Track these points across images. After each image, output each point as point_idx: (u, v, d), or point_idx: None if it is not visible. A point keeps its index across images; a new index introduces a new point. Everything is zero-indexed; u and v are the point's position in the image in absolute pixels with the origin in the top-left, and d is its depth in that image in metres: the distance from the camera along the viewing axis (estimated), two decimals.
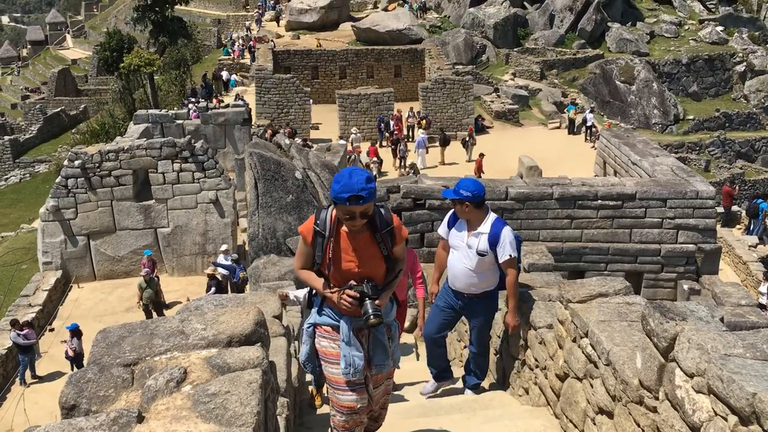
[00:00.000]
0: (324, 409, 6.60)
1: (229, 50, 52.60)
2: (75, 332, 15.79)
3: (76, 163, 19.97)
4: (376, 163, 29.27)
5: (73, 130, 51.93)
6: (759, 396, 2.78)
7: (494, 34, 51.68)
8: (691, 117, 46.95)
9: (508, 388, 6.77)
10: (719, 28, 52.06)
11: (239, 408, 2.78)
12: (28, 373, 16.15)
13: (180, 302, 17.75)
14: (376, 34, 49.49)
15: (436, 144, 32.91)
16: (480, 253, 5.91)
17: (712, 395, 3.11)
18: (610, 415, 4.38)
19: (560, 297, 5.41)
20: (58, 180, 20.42)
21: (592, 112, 38.49)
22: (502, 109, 40.42)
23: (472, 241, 5.95)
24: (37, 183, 44.26)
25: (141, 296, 17.57)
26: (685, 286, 15.95)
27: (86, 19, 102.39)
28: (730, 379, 2.94)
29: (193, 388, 2.92)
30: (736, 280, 19.56)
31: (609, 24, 51.79)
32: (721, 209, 25.13)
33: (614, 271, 15.71)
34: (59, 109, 59.87)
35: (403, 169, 29.47)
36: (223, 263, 17.99)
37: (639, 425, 3.95)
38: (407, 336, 10.60)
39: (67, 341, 15.88)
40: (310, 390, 7.15)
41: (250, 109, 33.25)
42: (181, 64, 49.72)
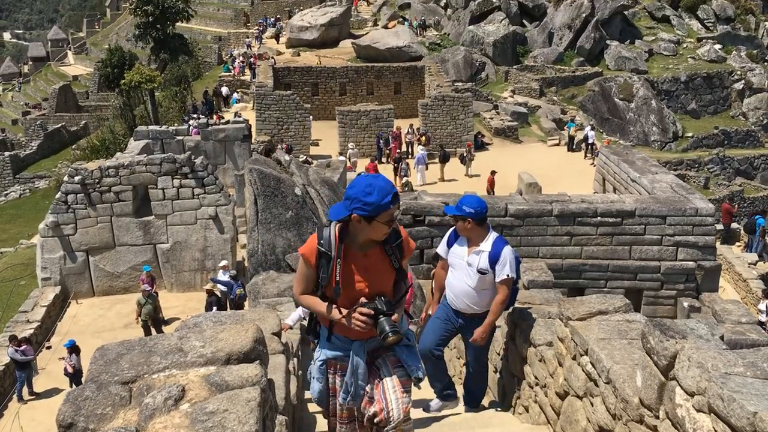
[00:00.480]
0: (322, 425, 6.56)
1: (230, 67, 52.85)
2: (73, 349, 15.72)
3: (76, 179, 19.99)
4: None
5: (74, 146, 52.05)
6: (760, 415, 2.76)
7: (493, 52, 51.97)
8: (690, 134, 47.10)
9: (508, 406, 6.74)
10: (717, 47, 52.37)
11: (237, 427, 2.76)
12: (26, 390, 16.05)
13: (178, 318, 17.70)
14: (376, 52, 49.75)
15: (436, 160, 32.99)
16: (481, 272, 5.85)
17: (712, 414, 3.10)
18: None
19: (560, 314, 5.40)
20: (57, 196, 20.43)
21: (594, 130, 38.61)
22: (502, 126, 40.55)
23: (472, 259, 5.88)
24: (37, 199, 44.29)
25: (140, 312, 17.52)
26: (685, 304, 15.92)
27: (88, 35, 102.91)
28: (731, 398, 2.92)
29: (191, 407, 2.90)
30: (736, 298, 19.52)
31: (607, 42, 52.09)
32: (720, 226, 25.14)
33: (614, 288, 15.70)
34: (60, 125, 60.04)
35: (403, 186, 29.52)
36: (222, 279, 17.96)
37: None
38: None
39: (65, 358, 15.81)
40: None
41: (250, 126, 33.36)
42: (182, 81, 49.93)
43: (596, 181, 22.70)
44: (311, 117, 37.52)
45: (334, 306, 4.00)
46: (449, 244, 6.17)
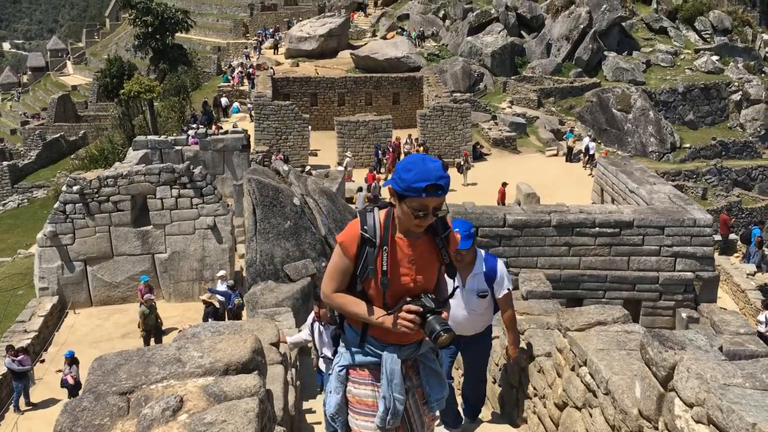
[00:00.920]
0: None
1: (229, 77, 53.00)
2: (72, 360, 15.65)
3: (75, 188, 19.98)
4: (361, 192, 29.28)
5: (72, 156, 52.09)
6: (759, 426, 2.76)
7: (492, 63, 52.16)
8: (688, 145, 47.23)
9: (507, 417, 6.72)
10: (715, 58, 52.59)
11: None
12: (22, 400, 15.97)
13: (176, 329, 17.64)
14: (374, 62, 49.91)
15: None
16: (481, 295, 5.75)
17: (711, 425, 3.09)
18: None
19: (559, 325, 5.39)
20: (56, 205, 20.42)
21: (594, 141, 38.67)
22: (500, 137, 40.63)
23: (470, 284, 5.75)
24: (35, 208, 44.26)
25: (143, 322, 17.43)
26: (684, 314, 15.90)
27: (87, 46, 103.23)
28: (730, 409, 2.92)
29: (189, 417, 2.90)
30: (735, 309, 19.52)
31: (605, 53, 52.31)
32: (718, 237, 25.16)
33: (612, 298, 15.69)
34: (58, 135, 60.12)
35: None
36: (219, 290, 17.92)
37: None
38: None
39: (63, 370, 15.70)
40: None
41: (249, 136, 33.40)
42: (181, 91, 50.03)
43: (594, 192, 22.73)
44: (310, 127, 37.57)
45: (375, 306, 3.52)
46: None
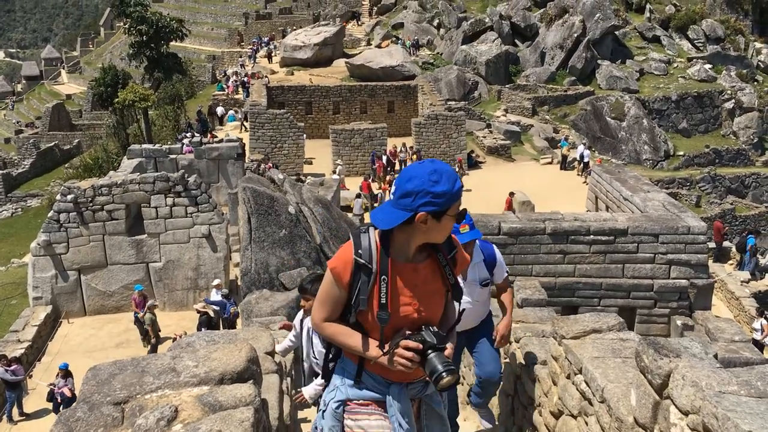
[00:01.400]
0: None
1: (224, 86, 53.04)
2: (67, 372, 15.36)
3: (69, 197, 19.93)
4: (368, 198, 29.36)
5: (66, 165, 52.01)
6: None
7: (486, 71, 52.33)
8: (682, 153, 47.42)
9: (502, 426, 6.71)
10: (707, 66, 52.89)
11: None
12: (15, 410, 15.87)
13: (170, 338, 17.58)
14: (369, 71, 50.03)
15: None
16: (484, 283, 5.65)
17: None
18: None
19: (554, 333, 5.39)
20: (50, 214, 20.36)
21: (589, 149, 38.80)
22: (495, 145, 40.73)
23: (472, 274, 5.61)
24: (29, 217, 44.11)
25: (152, 330, 17.54)
26: (679, 322, 15.93)
27: (81, 54, 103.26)
28: (725, 416, 2.92)
29: (184, 427, 2.89)
30: (729, 316, 19.56)
31: (599, 62, 52.55)
32: (712, 245, 25.23)
33: (607, 306, 15.71)
34: (53, 144, 60.01)
35: None
36: (214, 299, 17.89)
37: None
38: None
39: (56, 383, 15.31)
40: None
41: (244, 145, 33.39)
42: (176, 100, 50.06)
43: (589, 200, 22.78)
44: (305, 135, 37.60)
45: (370, 339, 3.14)
46: None
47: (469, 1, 62.28)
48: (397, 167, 35.50)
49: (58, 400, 14.98)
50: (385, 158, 34.98)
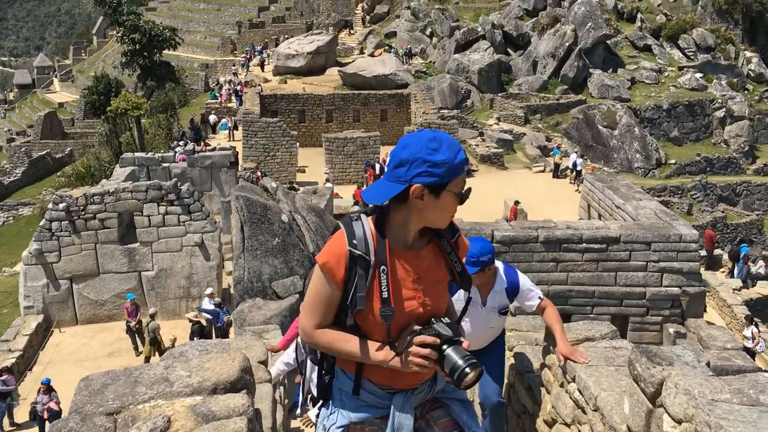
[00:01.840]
0: None
1: (217, 94, 53.05)
2: (49, 387, 14.81)
3: (61, 206, 19.86)
4: (362, 206, 29.37)
5: (58, 173, 51.83)
6: None
7: (479, 80, 52.51)
8: (673, 161, 47.65)
9: None
10: (698, 75, 53.23)
11: None
12: (6, 420, 15.74)
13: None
14: (362, 79, 50.13)
15: None
16: (502, 312, 5.33)
17: None
18: None
19: (547, 341, 5.40)
20: (41, 223, 20.27)
21: (582, 157, 38.94)
22: (487, 153, 40.83)
23: (491, 301, 5.24)
24: (21, 226, 43.91)
25: (153, 337, 17.49)
26: (671, 330, 15.97)
27: (74, 63, 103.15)
28: (718, 425, 2.93)
29: None
30: (721, 324, 19.62)
31: (591, 70, 52.81)
32: (703, 252, 25.33)
33: (600, 314, 15.74)
34: (45, 152, 59.83)
35: None
36: (207, 308, 17.83)
37: None
38: None
39: (38, 400, 14.67)
40: None
41: (237, 153, 33.38)
42: (168, 108, 50.01)
43: (581, 208, 22.85)
44: (298, 144, 37.63)
45: (373, 342, 2.75)
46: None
47: (461, 10, 62.56)
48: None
49: (44, 416, 14.49)
50: (378, 166, 35.02)
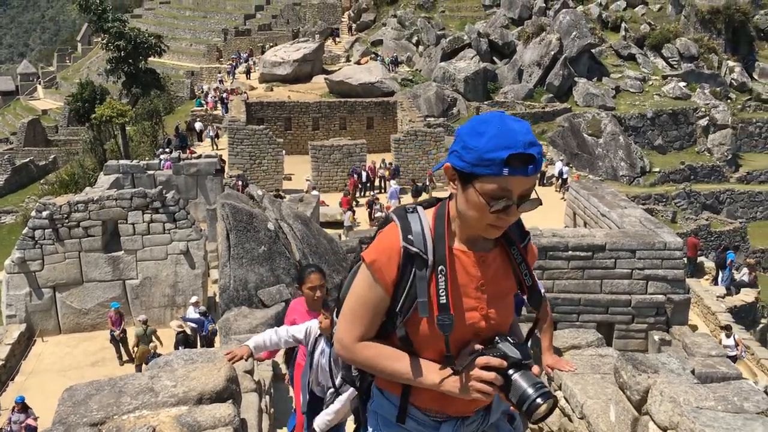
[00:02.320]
0: None
1: (202, 102, 52.89)
2: (24, 406, 14.21)
3: (44, 214, 19.69)
4: (348, 212, 29.35)
5: (42, 181, 51.42)
6: None
7: (465, 88, 52.74)
8: (657, 169, 48.07)
9: None
10: (682, 84, 53.77)
11: None
12: None
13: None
14: (348, 87, 50.18)
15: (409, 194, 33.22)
16: None
17: None
18: None
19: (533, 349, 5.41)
20: (24, 231, 20.09)
21: (567, 165, 39.14)
22: None
23: None
24: (3, 234, 43.47)
25: (136, 344, 17.32)
26: (656, 337, 16.06)
27: (58, 70, 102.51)
28: None
29: None
30: (706, 331, 19.75)
31: (576, 79, 53.20)
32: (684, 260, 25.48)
33: (586, 321, 15.80)
34: (28, 160, 59.32)
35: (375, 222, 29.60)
36: (192, 316, 17.73)
37: None
38: None
39: (13, 419, 14.00)
40: None
41: (224, 161, 33.30)
42: (154, 115, 49.79)
43: (567, 216, 22.97)
44: (284, 151, 37.58)
45: (425, 360, 2.34)
46: None
47: (447, 19, 62.84)
48: (377, 183, 35.61)
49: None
50: (364, 174, 35.04)
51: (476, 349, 2.27)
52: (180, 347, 16.24)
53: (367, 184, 35.21)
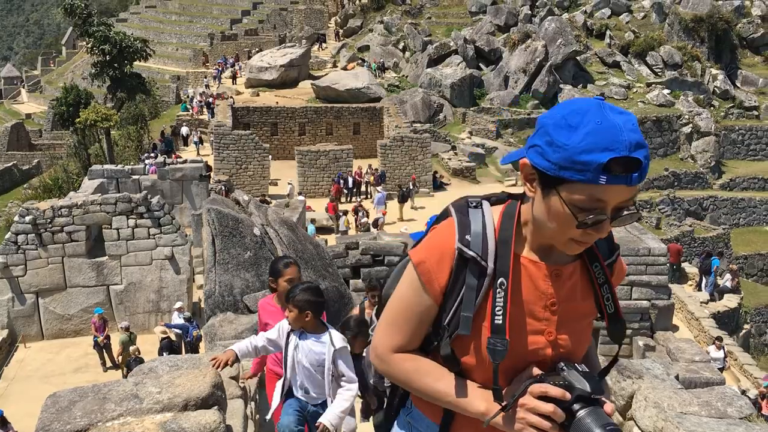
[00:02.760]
0: None
1: (188, 106, 52.68)
2: (3, 420, 13.83)
3: (27, 218, 19.54)
4: (334, 219, 29.32)
5: (25, 185, 50.98)
6: None
7: (451, 94, 52.94)
8: None
9: None
10: (666, 91, 54.27)
11: None
12: None
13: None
14: (335, 92, 50.24)
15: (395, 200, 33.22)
16: None
17: None
18: None
19: None
20: (7, 236, 19.92)
21: None
22: (460, 167, 41.09)
23: None
24: None
25: (122, 351, 17.14)
26: (641, 342, 16.15)
27: (43, 73, 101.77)
28: None
29: None
30: (690, 336, 19.89)
31: (561, 86, 53.56)
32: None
33: None
34: (11, 164, 58.80)
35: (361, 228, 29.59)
36: (176, 322, 17.64)
37: None
38: None
39: None
40: None
41: (210, 167, 33.15)
42: (139, 120, 49.53)
43: None
44: (270, 157, 37.52)
45: (472, 383, 1.95)
46: None
47: (433, 25, 63.09)
48: (363, 189, 35.61)
49: None
50: (350, 180, 35.04)
51: (534, 375, 1.87)
52: (164, 353, 16.14)
53: (353, 190, 35.21)
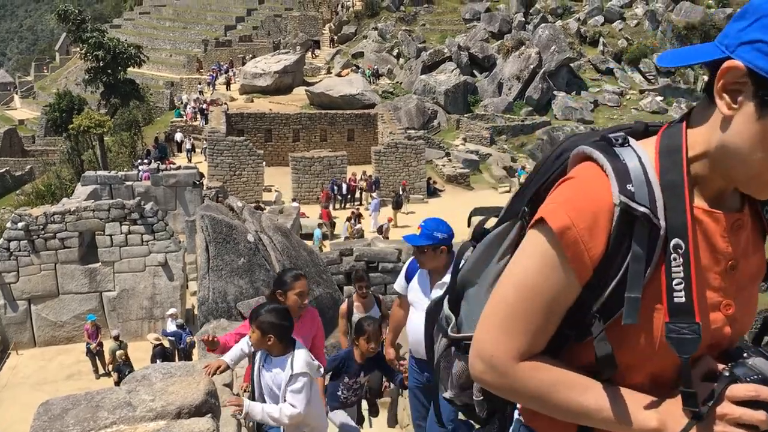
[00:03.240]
0: None
1: (182, 112, 52.63)
2: None
3: (20, 225, 19.44)
4: (328, 225, 29.31)
5: (18, 192, 50.74)
6: None
7: (445, 100, 53.07)
8: None
9: None
10: (659, 98, 54.55)
11: None
12: None
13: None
14: (329, 99, 50.28)
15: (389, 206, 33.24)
16: None
17: None
18: None
19: None
20: None
21: None
22: (454, 173, 41.15)
23: (437, 294, 4.81)
24: None
25: (113, 359, 17.05)
26: None
27: (36, 79, 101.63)
28: None
29: None
30: None
31: (555, 93, 53.77)
32: None
33: None
34: (4, 170, 58.55)
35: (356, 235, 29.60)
36: (169, 328, 17.57)
37: None
38: None
39: None
40: None
41: (202, 174, 33.12)
42: (132, 126, 49.45)
43: None
44: (264, 163, 37.49)
45: (631, 393, 1.40)
46: (408, 279, 5.17)
47: (427, 32, 63.29)
48: (357, 195, 35.60)
49: None
50: (344, 186, 35.03)
51: (715, 370, 1.38)
52: (157, 360, 16.07)
53: (347, 196, 35.20)
